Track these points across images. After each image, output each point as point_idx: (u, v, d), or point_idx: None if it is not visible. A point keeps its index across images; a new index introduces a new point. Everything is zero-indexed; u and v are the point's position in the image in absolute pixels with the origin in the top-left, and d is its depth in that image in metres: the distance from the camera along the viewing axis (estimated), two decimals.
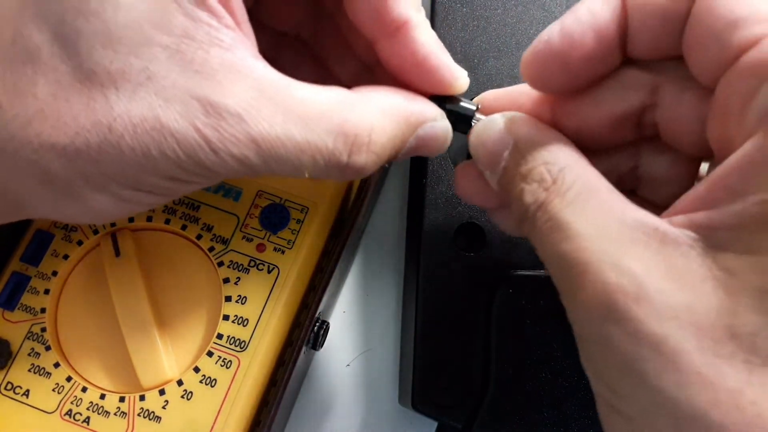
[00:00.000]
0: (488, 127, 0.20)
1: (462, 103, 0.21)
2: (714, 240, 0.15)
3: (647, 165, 0.21)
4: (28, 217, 0.19)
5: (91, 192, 0.17)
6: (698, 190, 0.16)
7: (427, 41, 0.20)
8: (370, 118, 0.18)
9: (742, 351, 0.14)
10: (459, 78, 0.21)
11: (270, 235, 0.25)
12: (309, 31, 0.24)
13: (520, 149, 0.19)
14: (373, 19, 0.20)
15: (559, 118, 0.20)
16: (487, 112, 0.21)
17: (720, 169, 0.15)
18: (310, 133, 0.17)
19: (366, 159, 0.19)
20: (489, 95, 0.22)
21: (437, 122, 0.20)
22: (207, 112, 0.16)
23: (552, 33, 0.19)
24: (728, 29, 0.16)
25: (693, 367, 0.14)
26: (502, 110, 0.21)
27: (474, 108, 0.21)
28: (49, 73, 0.16)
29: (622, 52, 0.19)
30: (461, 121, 0.21)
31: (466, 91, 0.21)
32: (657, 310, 0.15)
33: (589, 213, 0.17)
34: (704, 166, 0.20)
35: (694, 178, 0.21)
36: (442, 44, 0.21)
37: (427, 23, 0.20)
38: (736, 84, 0.16)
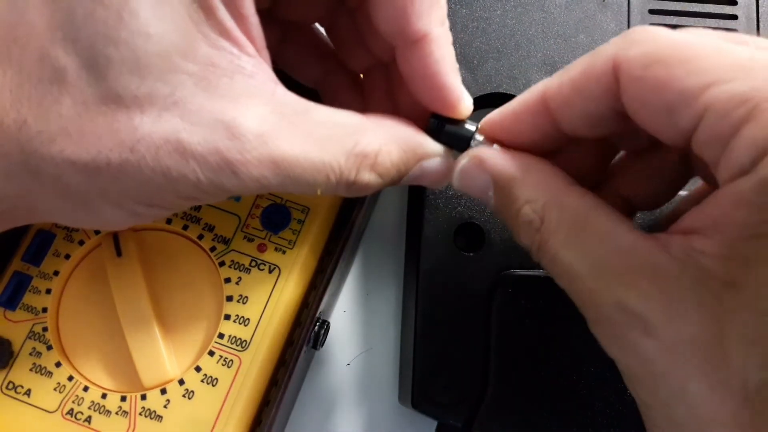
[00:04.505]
0: (465, 168, 0.20)
1: (464, 125, 0.21)
2: (706, 266, 0.15)
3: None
4: (39, 221, 0.20)
5: (107, 206, 0.18)
6: (701, 212, 0.16)
7: (440, 59, 0.20)
8: (379, 142, 0.19)
9: (735, 377, 0.15)
10: (461, 102, 0.21)
11: (271, 235, 0.25)
12: (324, 25, 0.25)
13: (501, 188, 0.19)
14: (396, 27, 0.20)
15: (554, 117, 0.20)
16: (490, 137, 0.21)
17: (722, 197, 0.16)
18: (326, 153, 0.18)
19: (369, 178, 0.19)
20: (486, 123, 0.21)
21: (441, 159, 0.21)
22: (231, 135, 0.17)
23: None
24: (683, 102, 0.16)
25: (698, 398, 0.15)
26: (504, 134, 0.21)
27: (473, 130, 0.21)
28: (75, 94, 0.16)
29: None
30: (461, 141, 0.21)
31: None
32: (664, 344, 0.16)
33: (585, 248, 0.17)
34: None
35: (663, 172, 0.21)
36: (456, 65, 0.21)
37: (448, 38, 0.21)
38: (712, 139, 0.16)
